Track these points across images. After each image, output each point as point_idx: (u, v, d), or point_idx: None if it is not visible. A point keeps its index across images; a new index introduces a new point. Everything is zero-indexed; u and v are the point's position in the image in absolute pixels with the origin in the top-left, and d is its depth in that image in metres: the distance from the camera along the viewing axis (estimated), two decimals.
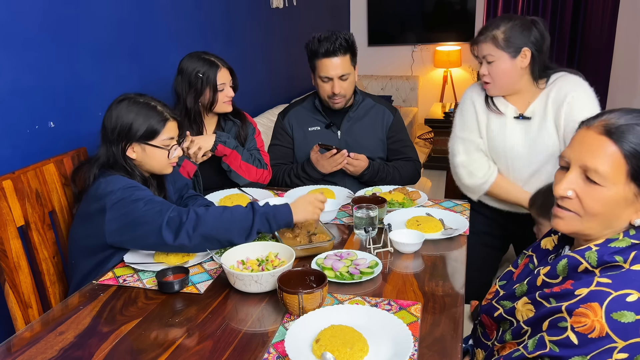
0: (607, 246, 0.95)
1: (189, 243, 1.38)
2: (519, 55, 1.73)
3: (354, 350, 1.02)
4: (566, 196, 0.98)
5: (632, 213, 0.95)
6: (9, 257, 1.47)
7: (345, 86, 2.13)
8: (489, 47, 1.73)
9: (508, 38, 1.71)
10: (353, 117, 2.25)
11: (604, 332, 0.86)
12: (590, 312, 0.88)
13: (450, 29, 5.59)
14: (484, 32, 1.76)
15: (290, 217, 1.47)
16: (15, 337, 1.17)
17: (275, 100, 3.83)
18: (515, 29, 1.71)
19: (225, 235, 1.40)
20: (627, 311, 0.86)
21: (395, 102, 5.56)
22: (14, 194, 1.50)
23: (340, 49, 2.07)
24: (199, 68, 1.98)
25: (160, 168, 1.61)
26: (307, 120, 2.28)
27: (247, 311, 1.24)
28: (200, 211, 1.41)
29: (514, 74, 1.75)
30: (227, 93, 2.02)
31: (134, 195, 1.43)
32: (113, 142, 1.53)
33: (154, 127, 1.54)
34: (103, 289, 1.36)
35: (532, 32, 1.73)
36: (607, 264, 0.94)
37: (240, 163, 2.03)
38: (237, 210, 1.44)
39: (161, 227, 1.36)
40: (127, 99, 1.56)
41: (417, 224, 1.64)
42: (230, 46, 3.11)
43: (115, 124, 1.53)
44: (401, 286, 1.33)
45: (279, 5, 3.74)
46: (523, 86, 1.80)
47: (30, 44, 1.75)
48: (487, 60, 1.75)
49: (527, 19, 1.75)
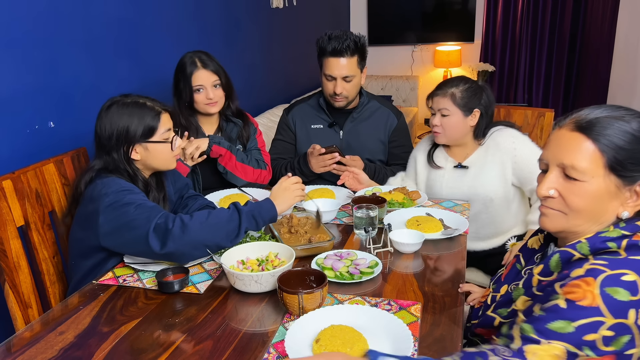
0: (597, 236, 0.95)
1: (176, 251, 1.34)
2: (470, 114, 1.89)
3: (354, 351, 1.02)
4: (549, 196, 0.99)
5: (618, 206, 0.96)
6: (8, 257, 1.47)
7: (347, 87, 2.13)
8: (447, 102, 1.87)
9: (464, 97, 1.87)
10: (357, 118, 2.24)
11: (594, 303, 0.85)
12: (583, 283, 0.87)
13: (450, 29, 5.60)
14: (443, 88, 1.90)
15: (274, 211, 1.47)
16: (15, 337, 1.17)
17: (275, 100, 3.83)
18: (469, 91, 1.87)
19: (213, 240, 1.37)
20: (622, 289, 0.85)
21: (396, 102, 5.56)
22: (13, 194, 1.50)
23: (347, 50, 2.06)
24: (182, 67, 1.99)
25: (166, 163, 1.59)
26: (310, 117, 2.28)
27: (247, 311, 1.24)
28: (186, 218, 1.37)
29: (463, 129, 1.91)
30: (206, 94, 1.99)
31: (125, 199, 1.40)
32: (112, 149, 1.51)
33: (150, 124, 1.53)
34: (103, 289, 1.36)
35: (483, 96, 1.90)
36: (600, 250, 0.93)
37: (236, 163, 2.03)
38: (222, 213, 1.42)
39: (148, 233, 1.33)
40: (115, 103, 1.53)
41: (417, 224, 1.64)
42: (230, 46, 3.11)
43: (111, 130, 1.50)
44: (401, 286, 1.33)
45: (279, 5, 3.75)
46: (466, 141, 1.96)
47: (30, 44, 1.75)
48: (441, 113, 1.89)
49: (479, 84, 1.92)
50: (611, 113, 0.95)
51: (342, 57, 2.07)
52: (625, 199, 0.95)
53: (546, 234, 1.14)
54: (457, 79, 1.91)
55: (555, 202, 0.99)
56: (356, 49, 2.09)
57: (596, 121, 0.94)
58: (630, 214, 0.95)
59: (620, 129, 0.93)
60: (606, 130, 0.93)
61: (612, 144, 0.93)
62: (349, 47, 2.06)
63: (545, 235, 1.14)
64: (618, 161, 0.93)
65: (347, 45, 2.05)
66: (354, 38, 2.08)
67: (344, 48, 2.05)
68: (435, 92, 1.91)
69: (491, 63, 5.59)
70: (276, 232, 1.55)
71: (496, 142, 1.92)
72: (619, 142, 0.92)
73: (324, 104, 2.25)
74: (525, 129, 2.33)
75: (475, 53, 5.64)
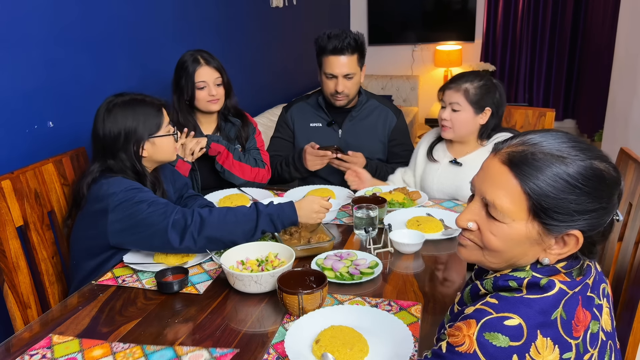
0: (506, 274, 0.85)
1: (194, 246, 1.39)
2: (481, 112, 1.87)
3: (354, 351, 1.02)
4: (467, 228, 0.88)
5: (540, 251, 0.84)
6: (7, 257, 1.47)
7: (349, 85, 2.13)
8: (459, 97, 1.84)
9: (477, 94, 1.84)
10: (356, 117, 2.24)
11: (471, 349, 0.78)
12: (464, 326, 0.80)
13: (450, 28, 5.59)
14: (457, 82, 1.87)
15: (295, 217, 1.47)
16: (15, 338, 1.16)
17: (275, 100, 3.83)
18: (483, 88, 1.84)
19: (229, 237, 1.41)
20: (501, 334, 0.76)
21: (396, 101, 5.56)
22: (12, 194, 1.50)
23: (348, 47, 2.07)
24: (184, 64, 1.99)
25: (170, 154, 1.62)
26: (309, 116, 2.28)
27: (247, 311, 1.24)
28: (204, 213, 1.41)
29: (472, 126, 1.89)
30: (209, 91, 2.00)
31: (137, 197, 1.42)
32: (120, 150, 1.52)
33: (155, 119, 1.55)
34: (102, 289, 1.36)
35: (496, 94, 1.87)
36: (500, 288, 0.84)
37: (233, 162, 2.03)
38: (241, 211, 1.44)
39: (167, 229, 1.37)
40: (115, 105, 1.53)
41: (417, 224, 1.64)
42: (230, 46, 3.11)
43: (117, 131, 1.50)
44: (401, 286, 1.33)
45: (279, 5, 3.74)
46: (470, 138, 1.94)
47: (30, 44, 1.74)
48: (452, 108, 1.86)
49: (493, 82, 1.88)
50: (555, 148, 0.80)
51: (343, 55, 2.07)
52: (549, 246, 0.83)
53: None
54: (472, 75, 1.88)
55: (473, 235, 0.88)
56: (356, 47, 2.09)
57: (531, 158, 0.80)
58: (551, 261, 0.83)
59: (554, 172, 0.78)
60: (537, 171, 0.79)
61: (539, 188, 0.79)
62: (350, 45, 2.06)
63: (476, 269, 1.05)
64: (543, 208, 0.79)
65: (347, 43, 2.06)
66: (353, 36, 2.08)
67: (344, 46, 2.06)
68: (449, 85, 1.88)
69: (492, 63, 5.59)
70: (276, 233, 1.55)
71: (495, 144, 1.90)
72: (547, 188, 0.78)
73: (323, 102, 2.25)
74: (526, 128, 2.33)
75: (475, 52, 5.63)
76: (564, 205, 0.79)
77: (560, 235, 0.81)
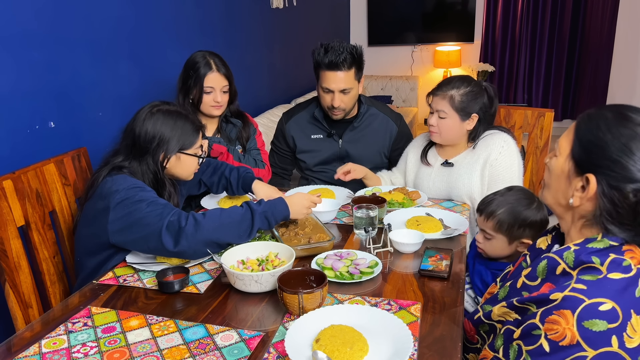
0: (585, 246, 0.95)
1: (188, 249, 1.36)
2: (468, 119, 1.88)
3: (354, 350, 1.02)
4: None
5: (570, 192, 0.99)
6: (9, 257, 1.47)
7: (345, 100, 2.10)
8: (445, 105, 1.86)
9: (463, 101, 1.85)
10: (357, 127, 2.23)
11: (574, 340, 0.86)
12: (562, 319, 0.88)
13: (450, 29, 5.60)
14: (443, 88, 1.88)
15: (288, 212, 1.49)
16: (16, 337, 1.17)
17: (275, 100, 3.83)
18: (469, 95, 1.85)
19: (225, 239, 1.40)
20: (599, 320, 0.85)
21: (395, 102, 5.56)
22: (14, 194, 1.50)
23: (344, 63, 2.02)
24: (195, 65, 1.99)
25: (188, 175, 1.64)
26: (309, 128, 2.27)
27: (247, 311, 1.25)
28: (199, 216, 1.39)
29: (459, 132, 1.92)
30: (214, 97, 2.01)
31: (137, 196, 1.42)
32: (148, 153, 1.53)
33: (190, 137, 1.57)
34: (103, 288, 1.36)
35: (483, 99, 1.87)
36: (584, 264, 0.93)
37: (233, 162, 2.04)
38: (235, 212, 1.43)
39: (161, 230, 1.35)
40: (160, 110, 1.55)
41: (417, 224, 1.65)
42: (231, 46, 3.11)
43: (153, 135, 1.52)
44: (401, 286, 1.33)
45: (279, 6, 3.75)
46: (460, 141, 1.97)
47: (31, 44, 1.75)
48: (439, 115, 1.88)
49: (481, 86, 1.89)
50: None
51: (339, 70, 2.03)
52: (575, 187, 0.98)
53: (554, 234, 1.14)
54: (459, 80, 1.88)
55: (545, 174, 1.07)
56: (353, 61, 2.04)
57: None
58: (574, 203, 0.97)
59: None
60: None
61: None
62: (346, 60, 2.02)
63: (553, 236, 1.14)
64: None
65: (344, 59, 2.01)
66: (350, 50, 2.03)
67: (340, 61, 2.01)
68: (435, 91, 1.90)
69: (491, 63, 5.60)
70: (276, 232, 1.55)
71: (487, 143, 1.91)
72: None
73: (320, 115, 2.23)
74: (525, 129, 2.33)
75: (475, 53, 5.64)
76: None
77: (584, 176, 0.94)
